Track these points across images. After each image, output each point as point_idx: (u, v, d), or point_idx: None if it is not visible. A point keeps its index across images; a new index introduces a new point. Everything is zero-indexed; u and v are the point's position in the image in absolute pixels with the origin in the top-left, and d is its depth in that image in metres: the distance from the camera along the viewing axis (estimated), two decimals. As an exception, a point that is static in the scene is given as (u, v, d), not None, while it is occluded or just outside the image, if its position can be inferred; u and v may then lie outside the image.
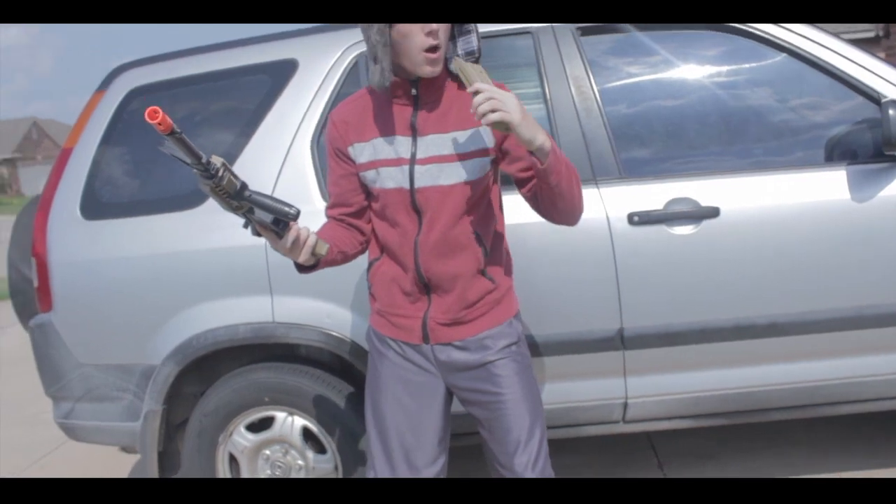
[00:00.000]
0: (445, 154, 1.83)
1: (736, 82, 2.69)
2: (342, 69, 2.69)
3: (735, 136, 2.67)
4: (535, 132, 1.69)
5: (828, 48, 2.59)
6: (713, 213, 2.49)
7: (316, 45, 2.75)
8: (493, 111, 1.65)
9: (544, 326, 2.54)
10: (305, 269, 1.87)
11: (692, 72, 2.69)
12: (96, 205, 2.75)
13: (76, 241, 2.73)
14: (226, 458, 2.74)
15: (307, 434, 2.70)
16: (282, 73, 2.72)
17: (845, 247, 2.49)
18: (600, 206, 2.52)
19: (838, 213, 2.49)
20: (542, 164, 1.72)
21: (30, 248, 2.84)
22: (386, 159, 1.86)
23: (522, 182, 1.88)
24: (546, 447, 1.94)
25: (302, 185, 2.64)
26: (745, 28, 2.61)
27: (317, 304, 2.58)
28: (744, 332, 2.52)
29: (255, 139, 2.68)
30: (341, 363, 2.74)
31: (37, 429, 4.44)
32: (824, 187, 2.51)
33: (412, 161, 1.84)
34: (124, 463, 3.82)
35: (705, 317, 2.52)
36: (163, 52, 2.94)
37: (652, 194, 2.52)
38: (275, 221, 1.68)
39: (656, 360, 2.56)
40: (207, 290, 2.62)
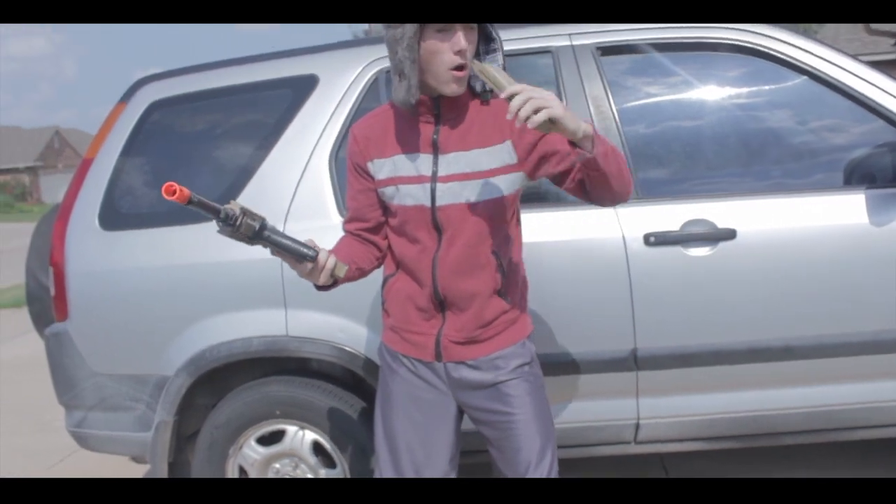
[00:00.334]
0: (468, 172, 1.82)
1: (755, 104, 2.69)
2: (362, 85, 2.71)
3: (753, 158, 2.66)
4: (577, 120, 1.62)
5: (848, 71, 2.58)
6: (730, 235, 2.48)
7: (336, 60, 2.77)
8: (537, 111, 1.55)
9: (558, 345, 2.53)
10: (323, 287, 1.87)
11: (711, 93, 2.69)
12: (115, 215, 2.77)
13: (93, 250, 2.75)
14: (236, 471, 2.74)
15: (317, 448, 2.69)
16: (302, 87, 2.74)
17: (862, 271, 2.47)
18: (617, 226, 2.52)
19: (856, 237, 2.47)
20: (590, 153, 1.64)
21: (48, 256, 2.86)
22: (406, 176, 1.85)
23: (562, 176, 1.80)
24: (556, 469, 1.92)
25: (319, 199, 2.65)
26: (766, 50, 2.61)
27: (330, 318, 2.58)
28: (758, 355, 2.50)
29: (273, 153, 2.70)
30: (353, 378, 2.74)
31: (49, 436, 4.46)
32: (842, 211, 2.49)
33: (433, 179, 1.83)
34: (135, 473, 3.83)
35: (720, 339, 2.50)
36: (186, 65, 2.97)
37: (669, 215, 2.52)
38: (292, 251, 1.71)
39: (669, 381, 2.54)
40: (222, 302, 2.63)
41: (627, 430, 2.62)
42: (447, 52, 1.73)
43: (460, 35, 1.73)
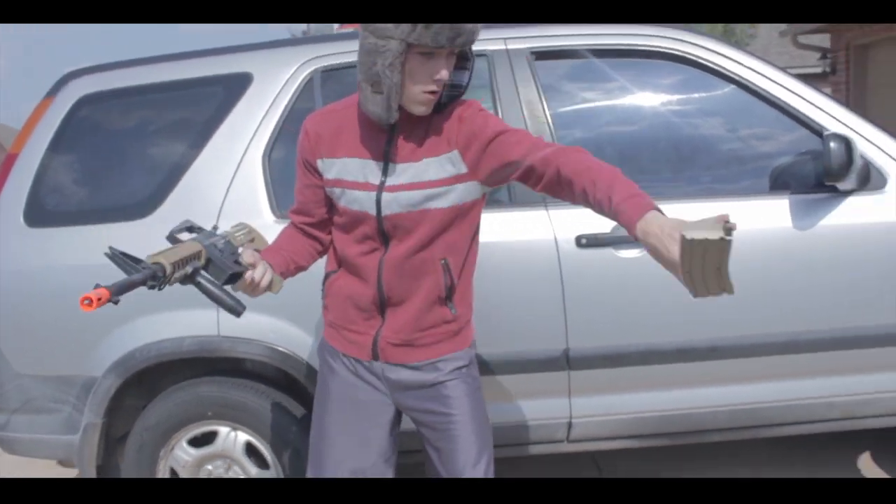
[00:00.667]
0: (415, 182, 1.79)
1: (687, 111, 2.76)
2: (297, 84, 2.69)
3: (684, 164, 2.73)
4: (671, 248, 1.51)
5: (776, 82, 2.67)
6: (659, 237, 2.53)
7: (272, 59, 2.74)
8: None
9: (492, 345, 2.55)
10: None
11: (644, 99, 2.75)
12: (41, 212, 2.70)
13: (18, 248, 2.68)
14: (167, 473, 2.69)
15: (250, 449, 2.67)
16: (236, 85, 2.71)
17: (785, 274, 2.56)
18: (549, 227, 2.55)
19: (780, 241, 2.56)
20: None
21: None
22: (354, 181, 1.83)
23: (526, 180, 1.75)
24: (493, 468, 1.94)
25: (252, 197, 2.62)
26: (697, 59, 2.68)
27: (262, 318, 2.56)
28: (685, 355, 2.57)
29: (206, 151, 2.66)
30: (286, 378, 2.72)
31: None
32: (768, 215, 2.57)
33: (380, 188, 1.80)
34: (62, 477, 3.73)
35: (649, 339, 2.56)
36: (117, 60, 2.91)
37: (601, 218, 2.55)
38: (227, 281, 1.66)
39: (601, 380, 2.59)
40: (152, 301, 2.58)
41: (560, 429, 2.66)
42: (427, 76, 1.71)
43: (443, 63, 1.71)
